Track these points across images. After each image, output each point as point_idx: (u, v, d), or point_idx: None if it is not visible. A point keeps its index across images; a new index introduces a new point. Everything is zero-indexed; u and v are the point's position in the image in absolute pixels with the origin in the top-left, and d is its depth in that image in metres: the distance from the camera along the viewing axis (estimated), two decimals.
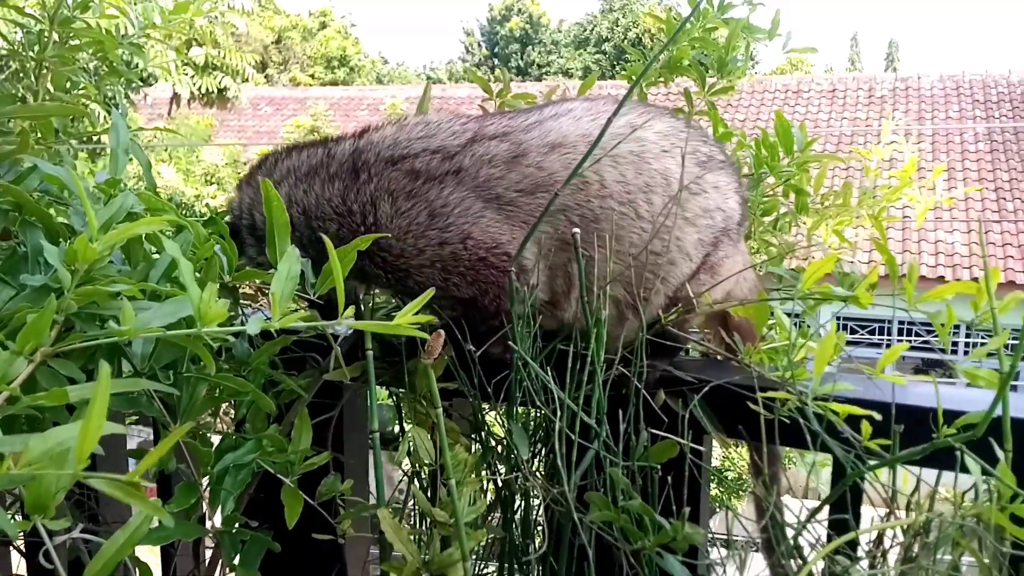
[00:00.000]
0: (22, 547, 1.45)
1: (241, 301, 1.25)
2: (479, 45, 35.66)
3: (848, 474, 0.86)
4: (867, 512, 1.01)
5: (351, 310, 0.64)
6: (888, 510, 0.93)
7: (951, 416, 0.89)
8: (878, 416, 0.83)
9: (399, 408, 1.26)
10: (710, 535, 1.20)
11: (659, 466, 0.91)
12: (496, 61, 34.02)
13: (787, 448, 1.12)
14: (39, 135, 1.36)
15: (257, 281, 1.09)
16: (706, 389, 1.00)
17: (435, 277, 1.12)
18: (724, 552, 1.01)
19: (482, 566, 1.16)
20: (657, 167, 1.14)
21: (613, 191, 1.11)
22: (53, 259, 0.64)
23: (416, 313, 0.70)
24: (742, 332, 1.15)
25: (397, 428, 1.34)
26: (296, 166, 1.20)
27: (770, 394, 0.89)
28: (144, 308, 0.67)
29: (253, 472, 0.98)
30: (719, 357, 1.21)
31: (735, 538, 1.01)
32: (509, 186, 1.11)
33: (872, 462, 0.91)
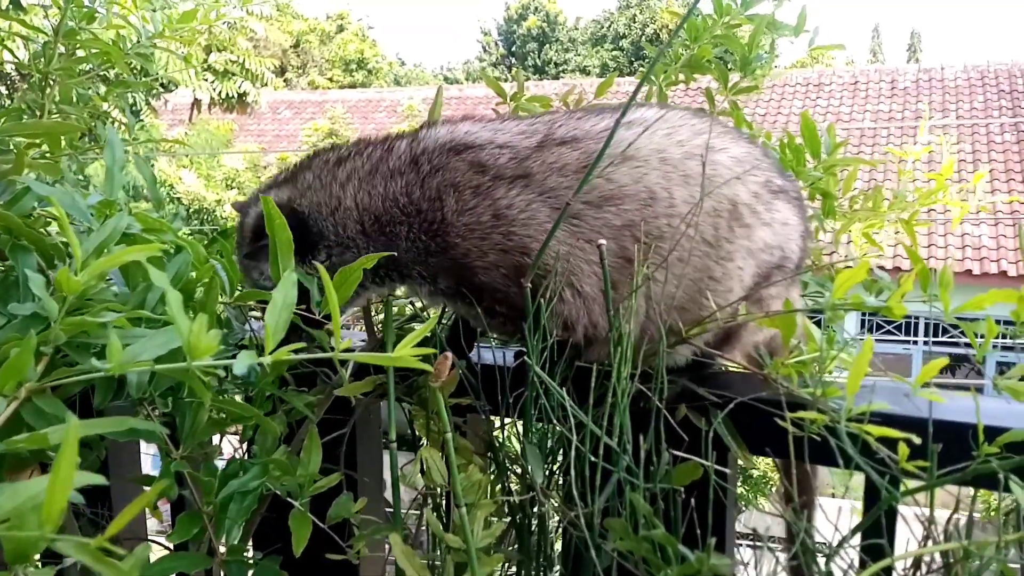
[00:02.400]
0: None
1: (251, 314, 1.22)
2: (496, 44, 35.61)
3: (883, 498, 0.81)
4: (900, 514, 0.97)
5: (348, 342, 0.60)
6: (925, 533, 0.88)
7: (993, 433, 0.84)
8: (917, 440, 0.78)
9: (411, 423, 1.22)
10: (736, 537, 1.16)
11: (682, 489, 0.86)
12: (513, 60, 33.96)
13: None
14: (46, 149, 1.34)
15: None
16: (731, 406, 0.95)
17: (499, 281, 1.07)
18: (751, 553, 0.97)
19: None
20: (727, 193, 1.08)
21: (682, 211, 1.06)
22: (37, 289, 0.61)
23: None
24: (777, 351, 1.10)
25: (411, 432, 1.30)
26: (359, 167, 1.14)
27: (800, 414, 0.84)
28: (135, 338, 0.64)
29: (260, 496, 0.95)
30: (742, 370, 1.16)
31: (759, 545, 0.96)
32: (578, 197, 1.06)
33: (908, 485, 0.86)
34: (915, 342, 11.25)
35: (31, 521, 0.46)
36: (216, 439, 1.04)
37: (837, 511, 0.96)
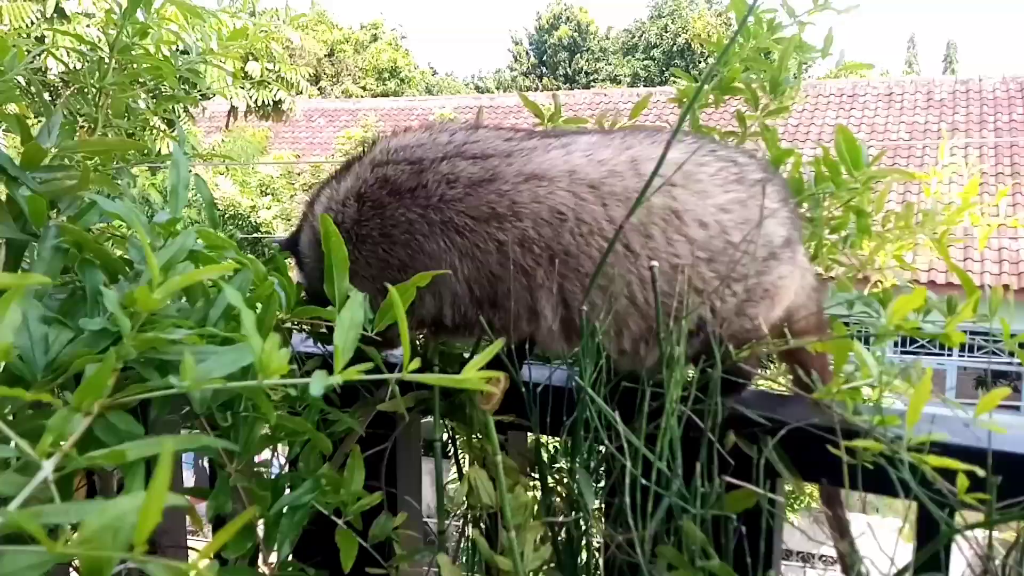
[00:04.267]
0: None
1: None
2: (527, 54, 35.70)
3: (943, 532, 0.80)
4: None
5: (416, 362, 0.60)
6: (983, 567, 0.86)
7: None
8: (981, 472, 0.77)
9: (454, 441, 1.22)
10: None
11: (735, 516, 0.85)
12: (544, 69, 34.03)
13: None
14: (99, 162, 1.37)
15: None
16: (783, 432, 0.93)
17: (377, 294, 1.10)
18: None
19: None
20: (659, 202, 1.06)
21: (594, 228, 1.05)
22: (111, 305, 0.62)
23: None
24: (816, 364, 1.08)
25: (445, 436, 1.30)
26: (359, 168, 1.22)
27: (858, 443, 0.83)
28: (204, 355, 0.65)
29: (308, 512, 0.95)
30: (786, 390, 1.14)
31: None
32: (463, 210, 1.08)
33: (964, 515, 0.84)
34: (949, 355, 11.01)
35: (110, 540, 0.46)
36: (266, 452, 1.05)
37: (896, 535, 0.93)
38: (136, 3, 1.52)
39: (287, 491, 0.93)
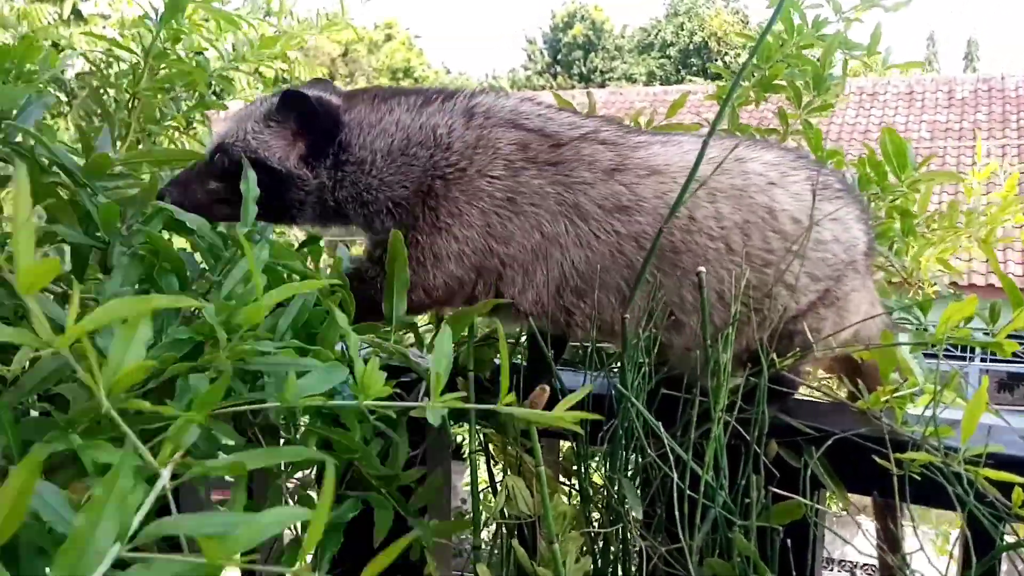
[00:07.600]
0: None
1: None
2: (541, 53, 35.65)
3: (998, 547, 0.79)
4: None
5: (512, 396, 0.62)
6: None
7: None
8: None
9: (487, 448, 1.22)
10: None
11: (781, 528, 0.85)
12: (559, 68, 33.97)
13: None
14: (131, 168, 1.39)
15: None
16: (829, 442, 0.93)
17: (464, 253, 1.09)
18: None
19: None
20: (761, 200, 1.08)
21: (702, 226, 1.07)
22: (211, 318, 0.63)
23: None
24: (870, 379, 1.08)
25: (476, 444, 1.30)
26: (414, 100, 1.18)
27: (910, 455, 0.82)
28: (301, 370, 0.65)
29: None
30: (833, 399, 1.14)
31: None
32: (594, 197, 1.08)
33: (1015, 527, 0.83)
34: (972, 359, 10.89)
35: (217, 548, 0.47)
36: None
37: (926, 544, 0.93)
38: (173, 10, 1.54)
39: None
